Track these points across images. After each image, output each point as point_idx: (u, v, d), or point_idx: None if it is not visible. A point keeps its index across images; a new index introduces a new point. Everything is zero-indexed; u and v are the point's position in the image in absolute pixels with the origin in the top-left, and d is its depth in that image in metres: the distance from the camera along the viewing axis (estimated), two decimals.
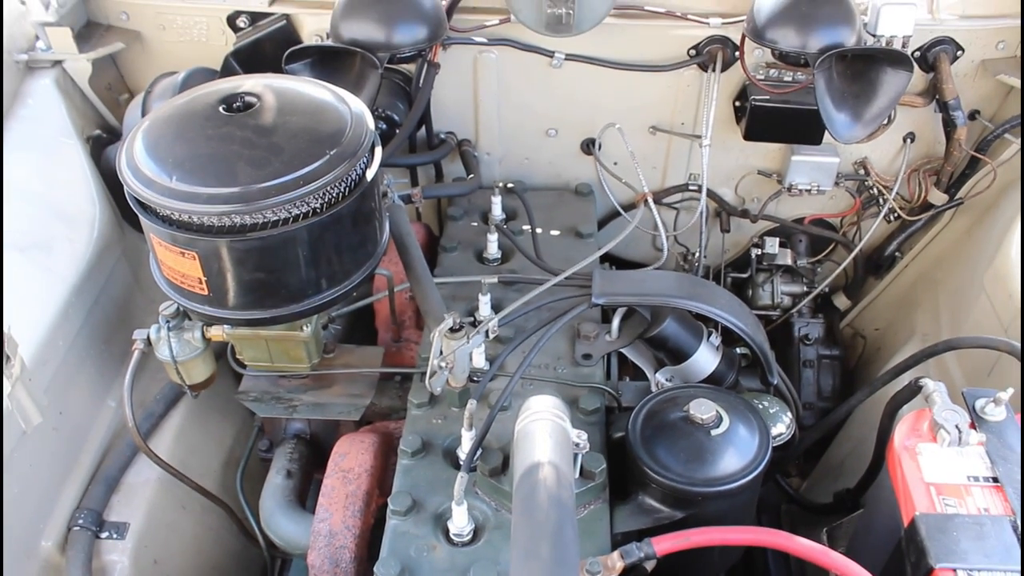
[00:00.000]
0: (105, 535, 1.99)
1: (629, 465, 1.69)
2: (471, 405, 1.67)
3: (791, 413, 1.88)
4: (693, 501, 1.61)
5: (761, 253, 2.82)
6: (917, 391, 1.65)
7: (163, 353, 1.90)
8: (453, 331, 1.74)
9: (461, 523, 1.61)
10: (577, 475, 1.64)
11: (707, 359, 1.96)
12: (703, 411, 1.64)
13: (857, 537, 1.88)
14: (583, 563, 1.43)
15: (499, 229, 2.36)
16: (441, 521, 1.67)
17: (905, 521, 1.45)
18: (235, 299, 1.67)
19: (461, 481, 1.57)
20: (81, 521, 1.95)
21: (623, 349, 2.04)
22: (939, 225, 2.69)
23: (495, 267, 2.36)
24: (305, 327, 1.92)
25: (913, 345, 2.51)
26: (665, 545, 1.46)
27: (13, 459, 1.79)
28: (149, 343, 1.91)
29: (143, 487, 2.09)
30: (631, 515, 1.67)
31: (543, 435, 1.41)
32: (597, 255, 2.15)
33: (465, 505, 1.59)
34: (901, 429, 1.58)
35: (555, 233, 2.47)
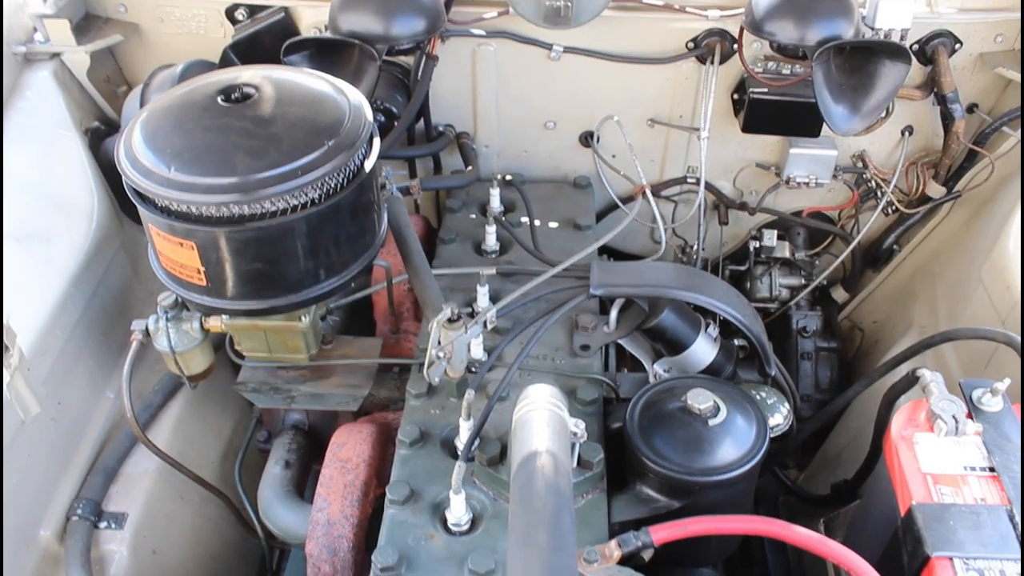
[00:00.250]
0: (104, 525, 1.99)
1: (627, 455, 1.69)
2: (469, 395, 1.67)
3: (788, 404, 1.89)
4: (690, 490, 1.61)
5: (759, 246, 2.81)
6: (914, 381, 1.65)
7: (161, 344, 1.90)
8: (451, 321, 1.74)
9: (459, 512, 1.62)
10: (575, 465, 1.65)
11: (705, 350, 1.96)
12: (701, 401, 1.64)
13: (854, 526, 1.89)
14: (580, 552, 1.43)
15: (497, 221, 2.36)
16: (439, 510, 1.67)
17: (902, 510, 1.46)
18: (233, 289, 1.67)
19: (459, 470, 1.57)
20: (80, 511, 1.96)
21: (621, 340, 2.04)
22: (937, 218, 2.70)
23: (493, 259, 2.36)
24: (303, 318, 1.92)
25: (911, 337, 2.51)
26: (662, 534, 1.46)
27: (12, 449, 1.79)
28: (147, 334, 1.91)
29: (141, 477, 2.09)
30: (629, 504, 1.67)
31: (541, 424, 1.41)
32: (595, 247, 2.14)
33: (463, 494, 1.59)
34: (898, 419, 1.59)
35: (553, 225, 2.47)
